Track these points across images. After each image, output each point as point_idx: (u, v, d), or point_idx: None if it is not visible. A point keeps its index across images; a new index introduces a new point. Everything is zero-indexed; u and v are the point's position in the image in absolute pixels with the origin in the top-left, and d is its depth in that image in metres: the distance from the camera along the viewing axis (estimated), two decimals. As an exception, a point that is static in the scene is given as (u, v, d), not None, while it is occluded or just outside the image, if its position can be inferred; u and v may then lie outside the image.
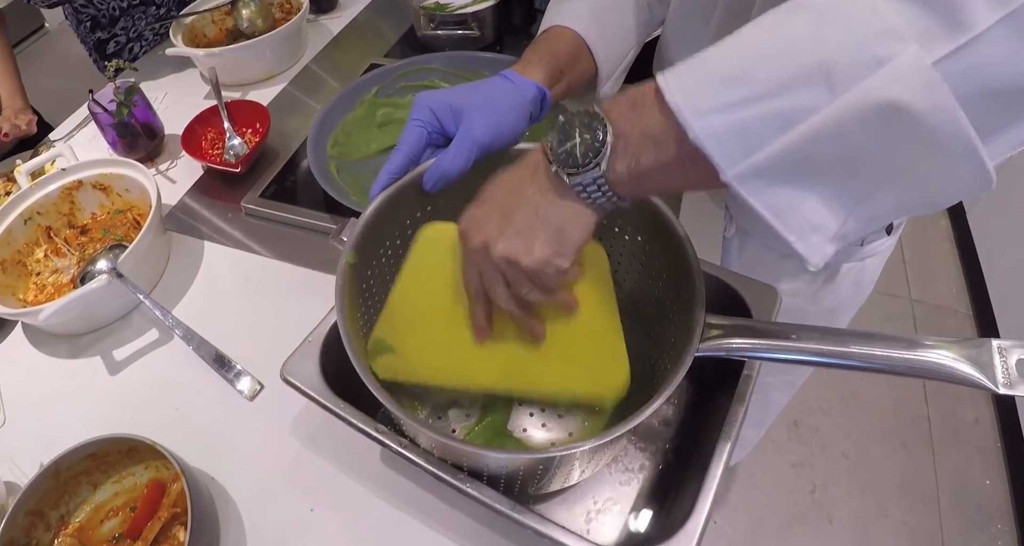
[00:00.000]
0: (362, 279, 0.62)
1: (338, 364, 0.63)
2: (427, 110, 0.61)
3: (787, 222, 0.39)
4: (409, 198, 0.64)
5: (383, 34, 1.44)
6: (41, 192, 0.96)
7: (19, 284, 0.92)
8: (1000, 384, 0.43)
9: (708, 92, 0.38)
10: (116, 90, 1.07)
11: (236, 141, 1.12)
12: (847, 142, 0.36)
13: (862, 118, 0.34)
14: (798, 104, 0.36)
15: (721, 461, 0.55)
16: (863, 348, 0.47)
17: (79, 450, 0.68)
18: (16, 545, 0.65)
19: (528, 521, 0.52)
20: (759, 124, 0.37)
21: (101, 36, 1.47)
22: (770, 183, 0.38)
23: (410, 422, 0.50)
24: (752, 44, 0.38)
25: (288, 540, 0.69)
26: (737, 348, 0.52)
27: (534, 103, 0.64)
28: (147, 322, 0.90)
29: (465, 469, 0.56)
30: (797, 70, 0.36)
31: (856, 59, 0.34)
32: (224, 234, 1.01)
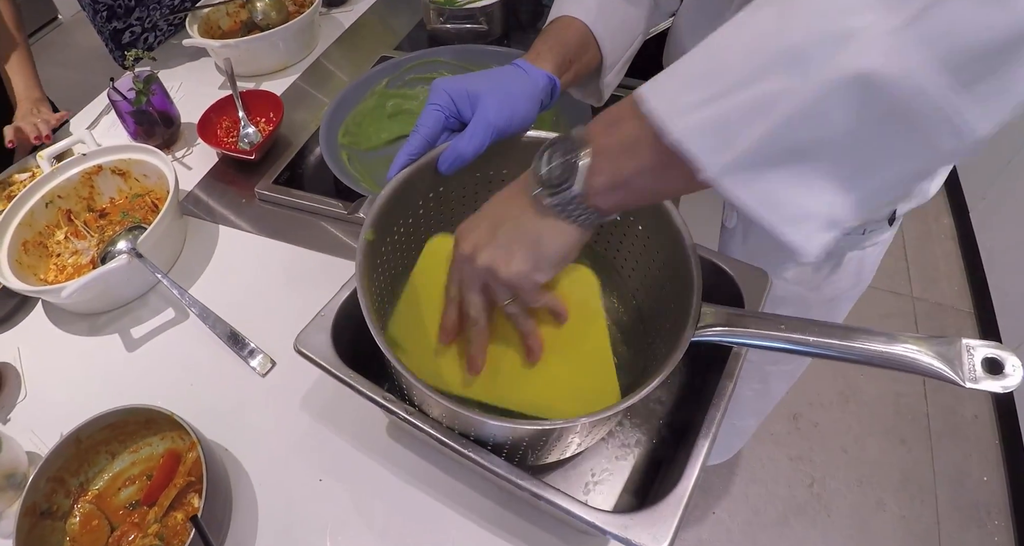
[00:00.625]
0: (376, 254, 0.65)
1: (348, 337, 0.66)
2: (445, 95, 0.63)
3: (777, 212, 0.39)
4: (424, 179, 0.66)
5: (393, 28, 1.47)
6: (62, 176, 0.99)
7: (40, 265, 0.95)
8: (966, 379, 0.46)
9: (682, 92, 0.39)
10: (135, 79, 1.10)
11: (250, 129, 1.15)
12: (824, 121, 0.36)
13: (836, 94, 0.35)
14: (771, 90, 0.36)
15: (710, 432, 0.57)
16: (843, 340, 0.50)
17: (99, 420, 0.71)
18: (38, 509, 0.68)
19: (528, 485, 0.55)
20: (735, 115, 0.37)
21: (117, 26, 1.49)
22: (753, 175, 0.38)
23: (418, 385, 0.53)
24: (723, 42, 0.39)
25: (298, 508, 0.72)
26: (727, 335, 0.55)
27: (545, 91, 0.67)
28: (163, 302, 0.93)
29: (471, 437, 0.58)
30: (767, 58, 0.36)
31: (823, 37, 0.35)
32: (238, 219, 1.04)
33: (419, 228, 0.71)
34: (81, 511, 0.71)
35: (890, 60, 0.33)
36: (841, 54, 0.34)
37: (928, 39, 0.33)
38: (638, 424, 0.72)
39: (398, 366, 0.53)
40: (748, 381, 1.18)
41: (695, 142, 0.38)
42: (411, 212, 0.69)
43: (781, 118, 0.36)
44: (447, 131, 0.65)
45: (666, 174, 0.42)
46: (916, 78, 0.33)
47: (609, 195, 0.46)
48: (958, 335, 0.50)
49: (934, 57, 0.33)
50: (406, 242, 0.70)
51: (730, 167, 0.38)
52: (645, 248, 0.68)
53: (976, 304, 2.06)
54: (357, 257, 0.60)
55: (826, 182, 0.38)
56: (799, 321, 0.53)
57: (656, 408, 0.73)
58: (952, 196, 2.37)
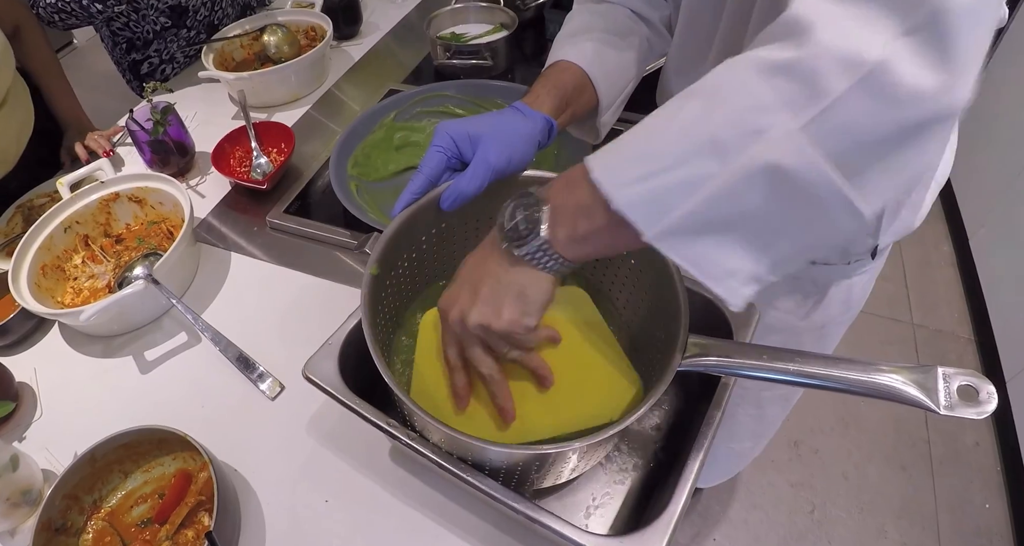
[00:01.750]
0: (381, 288, 0.68)
1: (354, 365, 0.69)
2: (447, 137, 0.67)
3: (704, 271, 0.45)
4: (426, 216, 0.70)
5: (401, 61, 1.52)
6: (81, 203, 1.03)
7: (58, 288, 0.99)
8: (942, 406, 0.49)
9: (623, 168, 0.45)
10: (153, 109, 1.15)
11: (263, 160, 1.19)
12: (741, 201, 0.42)
13: (750, 181, 0.41)
14: (696, 174, 0.42)
15: (699, 456, 0.60)
16: (824, 369, 0.53)
17: (114, 439, 0.74)
18: (53, 525, 0.71)
19: (522, 507, 0.57)
20: (666, 192, 0.43)
21: (136, 57, 1.55)
22: (684, 240, 0.44)
23: (418, 412, 0.55)
24: (658, 127, 0.46)
25: (304, 529, 0.74)
26: (714, 365, 0.58)
27: (542, 133, 0.71)
28: (176, 326, 0.96)
29: (469, 462, 0.61)
30: (692, 146, 0.43)
31: (738, 132, 0.41)
32: (250, 246, 1.08)
33: (422, 262, 0.74)
34: (94, 528, 0.74)
35: (793, 154, 0.40)
36: (753, 147, 0.40)
37: (824, 137, 0.39)
38: (636, 449, 0.75)
39: (399, 393, 0.56)
40: (744, 406, 1.20)
41: (634, 211, 0.44)
42: (415, 247, 0.72)
43: (704, 197, 0.42)
44: (449, 170, 0.69)
45: (615, 233, 0.47)
46: (814, 169, 0.40)
47: (571, 247, 0.52)
48: (958, 362, 0.53)
49: (829, 152, 0.39)
50: (409, 275, 0.74)
51: (664, 234, 0.44)
52: (638, 280, 0.71)
53: (976, 331, 2.07)
54: (362, 290, 0.63)
55: (745, 248, 0.44)
56: (782, 351, 0.55)
57: (653, 434, 0.76)
58: (952, 223, 2.40)
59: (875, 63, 0.38)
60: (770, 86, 0.40)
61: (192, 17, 1.52)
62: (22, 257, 0.95)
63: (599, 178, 0.46)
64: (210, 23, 1.56)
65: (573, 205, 0.50)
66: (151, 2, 1.44)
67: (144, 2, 1.43)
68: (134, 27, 1.49)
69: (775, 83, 0.40)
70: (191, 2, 1.49)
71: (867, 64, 0.38)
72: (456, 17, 1.51)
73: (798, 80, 0.40)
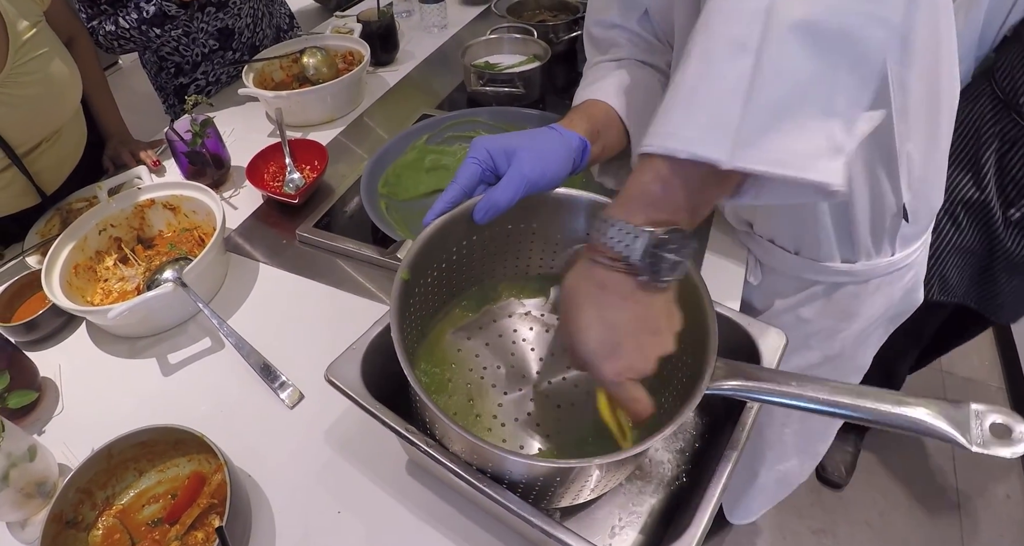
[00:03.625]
0: (410, 295, 0.68)
1: (377, 372, 0.68)
2: (484, 151, 0.68)
3: (792, 165, 0.45)
4: (458, 228, 0.70)
5: (435, 88, 1.56)
6: (117, 206, 1.06)
7: (88, 288, 1.00)
8: (974, 443, 0.47)
9: (670, 125, 0.47)
10: (193, 121, 1.18)
11: (296, 175, 1.21)
12: (786, 71, 0.44)
13: (785, 46, 0.43)
14: (735, 77, 0.44)
15: (720, 480, 0.58)
16: (853, 400, 0.52)
17: (131, 436, 0.74)
18: (64, 518, 0.70)
19: (540, 522, 0.56)
20: (719, 109, 0.45)
21: (183, 81, 1.60)
22: (757, 145, 0.45)
23: (441, 416, 0.55)
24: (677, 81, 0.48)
25: (315, 539, 0.73)
26: (741, 390, 0.57)
27: (577, 152, 0.72)
28: (201, 331, 0.97)
29: (488, 474, 0.60)
30: (718, 58, 0.45)
31: (750, 20, 0.44)
32: (278, 258, 1.09)
33: (451, 273, 0.75)
34: (105, 524, 0.73)
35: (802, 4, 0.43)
36: (774, 17, 0.43)
37: None
38: (658, 472, 0.73)
39: (423, 395, 0.55)
40: (787, 423, 1.17)
41: (703, 146, 0.45)
42: (445, 257, 0.72)
43: (752, 89, 0.44)
44: (483, 184, 0.69)
45: (701, 185, 0.48)
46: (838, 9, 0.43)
47: (692, 220, 0.51)
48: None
49: None
50: (437, 286, 0.74)
51: (736, 148, 0.45)
52: None
53: (1008, 379, 2.02)
54: (392, 294, 0.63)
55: (813, 120, 0.45)
56: (811, 380, 0.54)
57: (677, 458, 0.74)
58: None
59: None
60: None
61: (237, 39, 1.57)
62: (56, 255, 0.97)
63: (659, 146, 0.47)
64: (252, 45, 1.62)
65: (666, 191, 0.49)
66: (202, 26, 1.50)
67: (196, 26, 1.49)
68: (183, 51, 1.54)
69: None
70: (237, 24, 1.54)
71: None
72: (491, 47, 1.55)
73: None
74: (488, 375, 0.73)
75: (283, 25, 1.75)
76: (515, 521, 0.60)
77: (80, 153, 1.25)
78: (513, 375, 0.73)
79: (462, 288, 0.79)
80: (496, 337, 0.76)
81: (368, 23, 1.58)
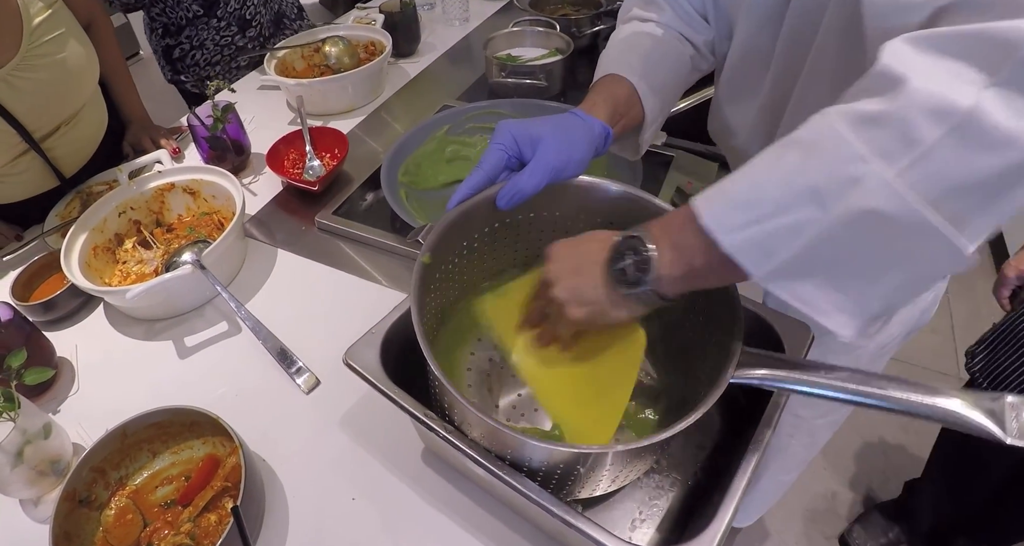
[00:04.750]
0: (431, 280, 0.67)
1: (395, 356, 0.67)
2: (509, 136, 0.67)
3: (813, 307, 0.47)
4: (481, 213, 0.69)
5: (456, 80, 1.55)
6: (137, 189, 1.05)
7: (106, 269, 1.00)
8: (1010, 435, 0.46)
9: (730, 214, 0.48)
10: (214, 107, 1.17)
11: (315, 163, 1.21)
12: (843, 244, 0.44)
13: (850, 226, 0.43)
14: (799, 220, 0.45)
15: (745, 475, 0.57)
16: (883, 390, 0.50)
17: (147, 417, 0.73)
18: (77, 496, 0.70)
19: (560, 511, 0.55)
20: (772, 237, 0.46)
21: (169, 42, 1.64)
22: (792, 280, 0.47)
23: (459, 398, 0.54)
24: (760, 174, 0.48)
25: (328, 524, 0.72)
26: (767, 379, 0.56)
27: (600, 138, 0.71)
28: (218, 315, 0.96)
29: (507, 461, 0.58)
30: (793, 194, 0.45)
31: (836, 181, 0.43)
32: (297, 245, 1.08)
33: (472, 259, 0.73)
34: (117, 504, 0.73)
35: (889, 200, 0.42)
36: (850, 195, 0.43)
37: (919, 183, 0.41)
38: (676, 467, 0.72)
39: (443, 379, 0.54)
40: (798, 436, 1.16)
41: (743, 255, 0.47)
42: (466, 243, 0.72)
43: (807, 241, 0.45)
44: (507, 170, 0.68)
45: (723, 271, 0.50)
46: (911, 213, 0.41)
47: (676, 285, 0.54)
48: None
49: (926, 197, 0.41)
50: (459, 273, 0.73)
51: (771, 275, 0.47)
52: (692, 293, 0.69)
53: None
54: (413, 277, 0.63)
55: (851, 286, 0.47)
56: (840, 369, 0.53)
57: (697, 453, 0.73)
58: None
59: (966, 112, 0.39)
60: (865, 137, 0.43)
61: (223, 8, 1.58)
62: (76, 236, 0.97)
63: (709, 224, 0.48)
64: (241, 16, 1.62)
65: (687, 246, 0.52)
66: None
67: None
68: (169, 13, 1.57)
69: (870, 134, 0.42)
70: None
71: (958, 113, 0.39)
72: (512, 40, 1.54)
73: (891, 130, 0.42)
74: (509, 366, 0.72)
75: (290, 12, 1.77)
76: (533, 511, 0.59)
77: (100, 137, 1.25)
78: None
79: (485, 276, 0.78)
80: None
81: (390, 14, 1.57)
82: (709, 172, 1.17)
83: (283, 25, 1.75)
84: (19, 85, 1.01)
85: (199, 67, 1.66)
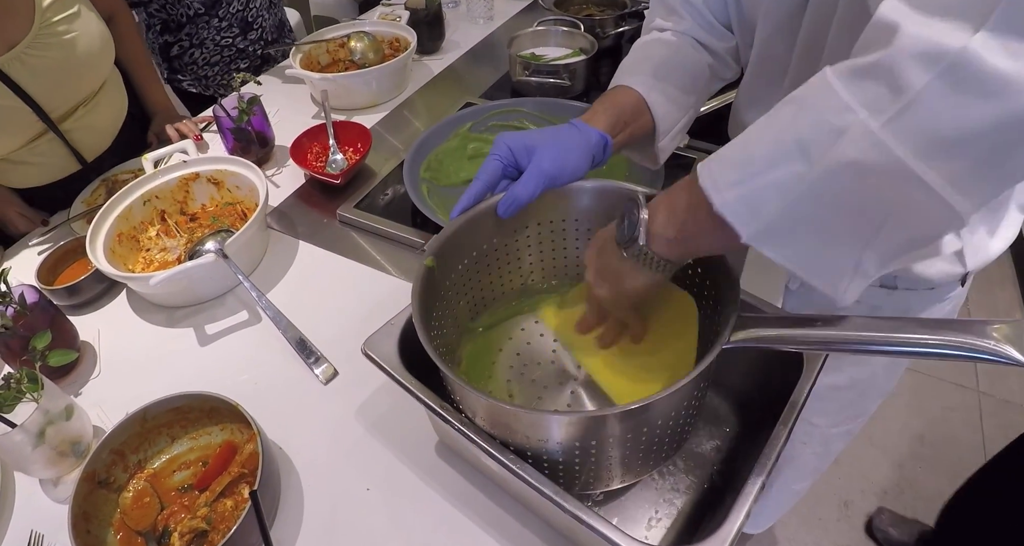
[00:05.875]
0: (439, 287, 0.68)
1: (412, 351, 0.67)
2: (505, 147, 0.69)
3: (805, 268, 0.46)
4: (485, 223, 0.71)
5: (479, 78, 1.55)
6: (162, 179, 1.07)
7: (130, 256, 1.01)
8: None
9: (723, 172, 0.48)
10: (240, 99, 1.19)
11: (339, 156, 1.21)
12: (830, 199, 0.43)
13: (834, 179, 0.42)
14: (786, 175, 0.44)
15: (760, 477, 0.56)
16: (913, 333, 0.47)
17: (167, 402, 0.74)
18: (97, 477, 0.71)
19: (571, 506, 0.54)
20: (760, 194, 0.45)
21: (167, 39, 1.63)
22: (781, 239, 0.46)
23: (463, 386, 0.55)
24: (754, 133, 0.48)
25: (342, 514, 0.73)
26: (772, 338, 0.54)
27: (597, 147, 0.72)
28: (239, 304, 0.97)
29: (518, 452, 0.58)
30: (781, 149, 0.44)
31: (822, 133, 0.42)
32: (318, 237, 1.09)
33: (482, 265, 0.75)
34: (136, 487, 0.74)
35: (873, 152, 0.40)
36: (835, 147, 0.41)
37: (907, 134, 0.39)
38: (692, 469, 0.72)
39: (445, 370, 0.56)
40: (811, 445, 1.15)
41: (731, 213, 0.47)
42: (475, 251, 0.73)
43: (795, 196, 0.44)
44: (506, 179, 0.70)
45: (716, 234, 0.50)
46: (897, 166, 0.39)
47: (673, 247, 0.55)
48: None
49: (914, 149, 0.39)
50: (468, 277, 0.74)
51: (760, 233, 0.46)
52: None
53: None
54: (415, 278, 0.64)
55: (844, 244, 0.45)
56: (834, 317, 0.51)
57: (712, 456, 0.73)
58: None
59: (956, 53, 0.36)
60: (853, 88, 0.41)
61: (225, 8, 1.59)
62: (101, 223, 0.98)
63: (704, 183, 0.48)
64: (243, 18, 1.62)
65: (681, 207, 0.53)
66: None
67: None
68: (170, 9, 1.56)
69: (859, 85, 0.41)
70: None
71: (948, 55, 0.37)
72: (537, 39, 1.54)
73: (879, 79, 0.40)
74: (529, 371, 0.73)
75: (287, 20, 1.80)
76: (545, 507, 0.59)
77: (119, 123, 1.26)
78: (554, 371, 0.73)
79: (504, 287, 0.79)
80: (538, 337, 0.76)
81: (415, 11, 1.58)
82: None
83: (284, 32, 1.76)
84: (33, 64, 1.03)
85: (197, 66, 1.65)
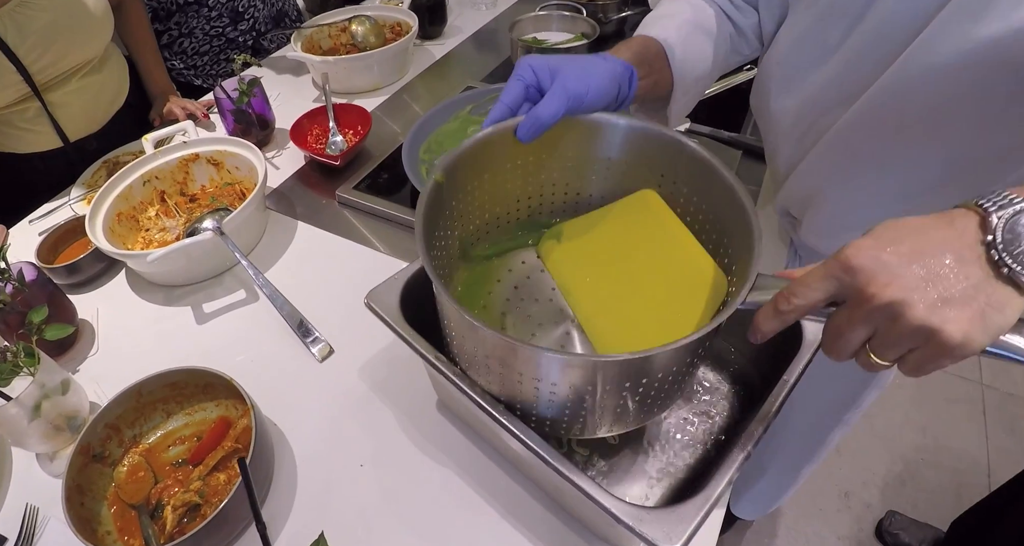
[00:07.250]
0: (445, 205, 0.65)
1: (415, 306, 0.66)
2: (528, 68, 0.65)
3: None
4: (501, 146, 0.66)
5: (480, 62, 1.54)
6: (162, 159, 1.06)
7: (129, 236, 1.01)
8: None
9: None
10: (240, 80, 1.18)
11: (338, 138, 1.21)
12: None
13: None
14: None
15: (746, 447, 0.56)
16: None
17: (162, 377, 0.74)
18: (91, 451, 0.71)
19: (556, 462, 0.54)
20: None
21: (157, 27, 1.61)
22: None
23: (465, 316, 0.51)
24: None
25: (336, 490, 0.73)
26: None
27: (623, 76, 0.68)
28: (237, 283, 0.97)
29: (505, 402, 0.58)
30: None
31: None
32: (317, 218, 1.09)
33: (493, 191, 0.71)
34: (130, 461, 0.74)
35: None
36: None
37: None
38: (690, 442, 0.72)
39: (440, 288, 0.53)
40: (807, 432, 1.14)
41: None
42: (487, 174, 0.69)
43: None
44: (528, 102, 0.66)
45: None
46: None
47: None
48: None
49: None
50: (477, 200, 0.70)
51: None
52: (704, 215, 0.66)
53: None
54: (421, 195, 0.60)
55: None
56: None
57: (712, 430, 0.72)
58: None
59: None
60: None
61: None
62: (101, 202, 0.98)
63: None
64: (233, 8, 1.60)
65: None
66: None
67: None
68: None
69: None
70: None
71: None
72: (539, 24, 1.53)
73: None
74: (525, 306, 0.70)
75: (291, 12, 1.77)
76: (537, 467, 0.58)
77: (113, 111, 1.27)
78: (551, 310, 0.70)
79: (511, 217, 0.75)
80: (539, 272, 0.73)
81: (418, -5, 1.58)
82: (732, 159, 1.16)
83: (284, 24, 1.73)
84: (23, 23, 1.02)
85: (186, 55, 1.62)
